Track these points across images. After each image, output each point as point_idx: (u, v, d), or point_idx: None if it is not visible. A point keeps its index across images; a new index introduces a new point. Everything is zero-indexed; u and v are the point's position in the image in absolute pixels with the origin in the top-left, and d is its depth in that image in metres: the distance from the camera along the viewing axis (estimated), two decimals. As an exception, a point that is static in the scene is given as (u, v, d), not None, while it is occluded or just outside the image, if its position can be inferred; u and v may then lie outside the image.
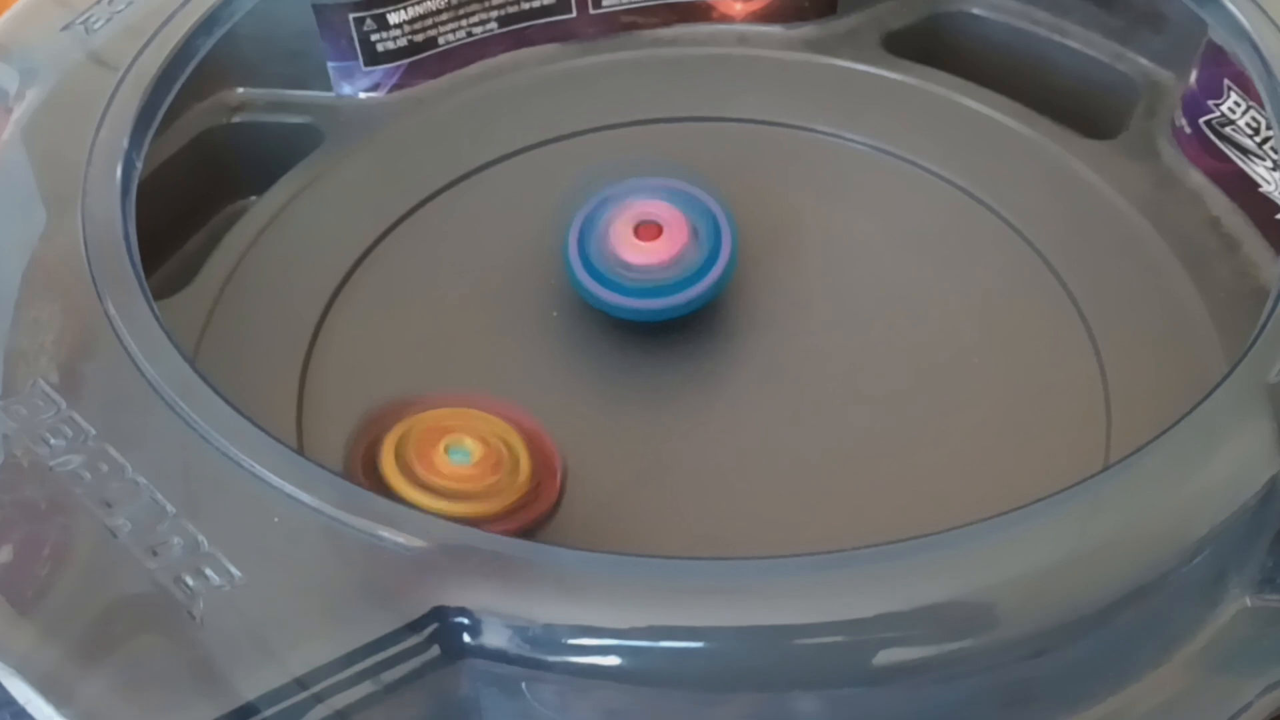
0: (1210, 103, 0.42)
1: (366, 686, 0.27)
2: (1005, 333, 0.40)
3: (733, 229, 0.40)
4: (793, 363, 0.39)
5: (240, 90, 0.46)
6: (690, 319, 0.39)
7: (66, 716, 0.26)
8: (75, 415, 0.30)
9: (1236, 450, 0.30)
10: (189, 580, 0.27)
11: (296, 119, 0.46)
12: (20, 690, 0.27)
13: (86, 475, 0.29)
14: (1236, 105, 0.41)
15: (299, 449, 0.36)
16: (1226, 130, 0.42)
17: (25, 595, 0.28)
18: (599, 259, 0.39)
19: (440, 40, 0.47)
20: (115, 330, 0.31)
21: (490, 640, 0.27)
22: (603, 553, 0.27)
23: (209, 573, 0.27)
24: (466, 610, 0.27)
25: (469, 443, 0.34)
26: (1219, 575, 0.29)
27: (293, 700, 0.26)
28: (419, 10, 0.45)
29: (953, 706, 0.28)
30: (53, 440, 0.30)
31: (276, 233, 0.42)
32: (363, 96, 0.46)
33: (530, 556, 0.27)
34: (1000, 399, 0.38)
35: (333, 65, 0.45)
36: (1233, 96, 0.41)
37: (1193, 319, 0.40)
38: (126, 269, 0.33)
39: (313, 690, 0.26)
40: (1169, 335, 0.39)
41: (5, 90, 0.38)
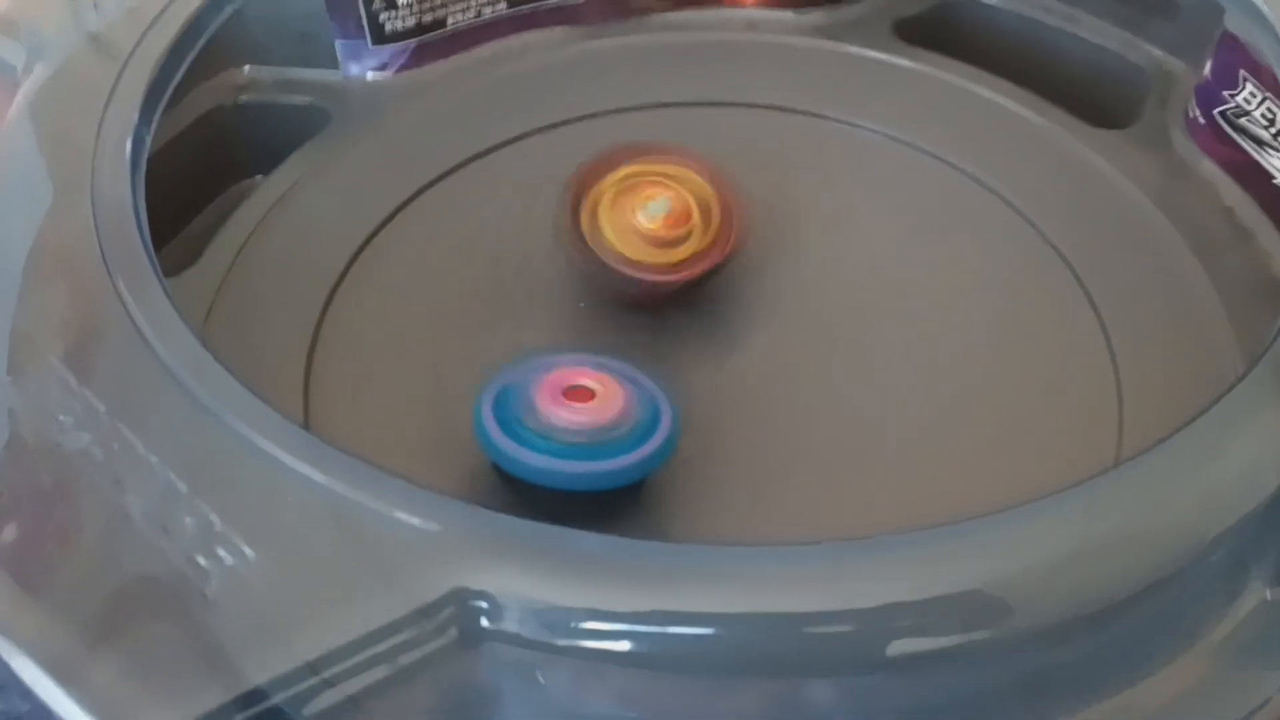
0: (1225, 93, 0.42)
1: (380, 671, 0.26)
2: (1016, 322, 0.39)
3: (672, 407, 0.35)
4: (801, 350, 0.39)
5: (247, 69, 0.45)
6: (694, 305, 0.39)
7: (75, 698, 0.26)
8: (86, 392, 0.29)
9: (1254, 446, 0.30)
10: (202, 560, 0.27)
11: (303, 99, 0.45)
12: (29, 671, 0.26)
13: (98, 453, 0.29)
14: (1252, 96, 0.41)
15: (306, 426, 0.36)
16: (1241, 121, 0.41)
17: (34, 575, 0.28)
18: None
19: (449, 20, 0.46)
20: (126, 309, 0.31)
21: (510, 624, 0.26)
22: (620, 538, 0.27)
23: (222, 553, 0.27)
24: (486, 594, 0.26)
25: (663, 196, 0.38)
26: (1238, 568, 0.29)
27: (304, 685, 0.26)
28: (428, -11, 0.45)
29: (969, 697, 0.28)
30: (62, 417, 0.29)
31: (283, 213, 0.42)
32: (370, 77, 0.46)
33: (548, 539, 0.27)
34: (1012, 388, 0.38)
35: (340, 44, 0.45)
36: (1248, 87, 0.41)
37: (1205, 309, 0.39)
38: (138, 247, 0.33)
39: (324, 675, 0.26)
40: (1180, 325, 0.39)
41: (13, 66, 0.38)
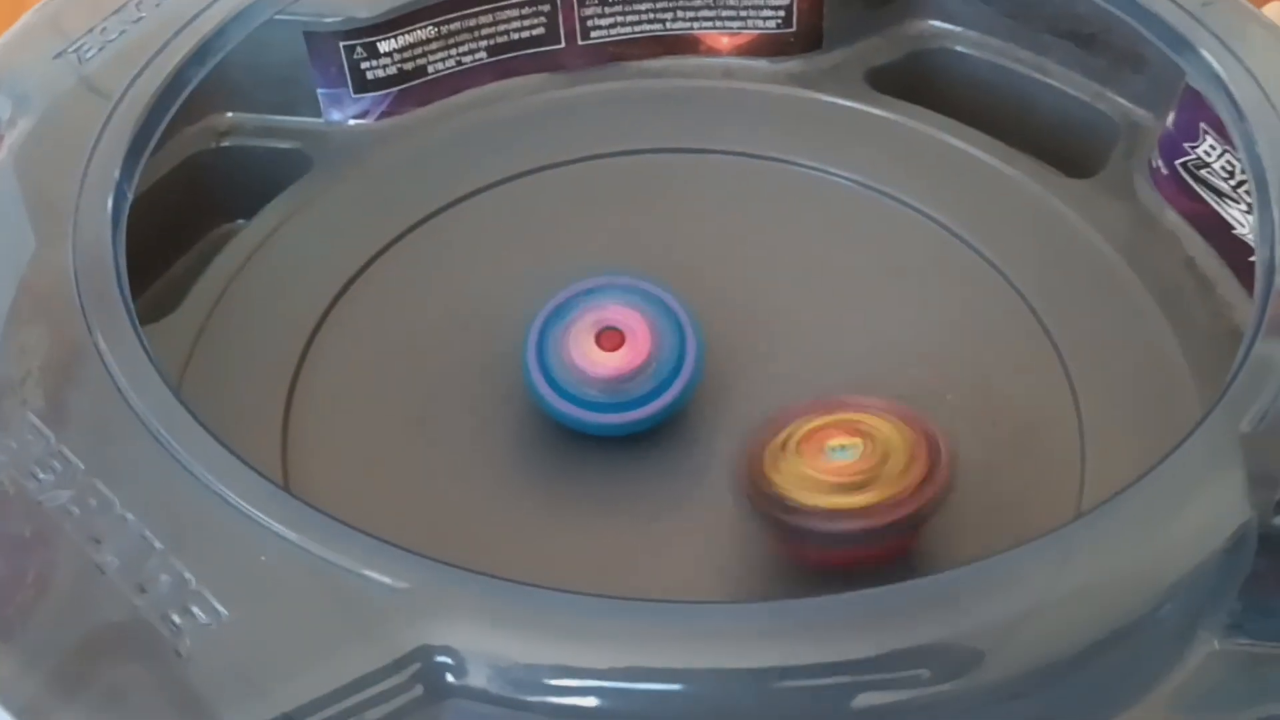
0: (1186, 145, 0.42)
1: (349, 725, 0.27)
2: (982, 369, 0.40)
3: (698, 338, 0.39)
4: (767, 393, 0.39)
5: (230, 115, 0.46)
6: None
7: (46, 748, 0.27)
8: (64, 449, 0.30)
9: (1208, 500, 0.30)
10: (175, 618, 0.27)
11: (285, 144, 0.46)
12: (-1, 719, 0.27)
13: (75, 510, 0.29)
14: (1212, 149, 0.42)
15: (284, 475, 0.37)
16: (1202, 173, 0.42)
17: (7, 623, 0.28)
18: (560, 371, 0.38)
19: (429, 69, 0.47)
20: (104, 363, 0.32)
21: (473, 680, 0.27)
22: (586, 595, 0.28)
23: (196, 610, 0.27)
24: (450, 649, 0.27)
25: (847, 440, 0.35)
26: (1190, 620, 0.30)
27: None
28: (409, 39, 0.46)
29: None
30: (41, 475, 0.30)
31: (264, 258, 0.43)
32: (351, 123, 0.47)
33: (514, 597, 0.28)
34: (976, 435, 0.38)
35: (322, 92, 0.46)
36: (1209, 140, 0.42)
37: (1168, 358, 0.40)
38: (116, 301, 0.33)
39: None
40: (1144, 373, 0.40)
41: (-2, 118, 0.38)
